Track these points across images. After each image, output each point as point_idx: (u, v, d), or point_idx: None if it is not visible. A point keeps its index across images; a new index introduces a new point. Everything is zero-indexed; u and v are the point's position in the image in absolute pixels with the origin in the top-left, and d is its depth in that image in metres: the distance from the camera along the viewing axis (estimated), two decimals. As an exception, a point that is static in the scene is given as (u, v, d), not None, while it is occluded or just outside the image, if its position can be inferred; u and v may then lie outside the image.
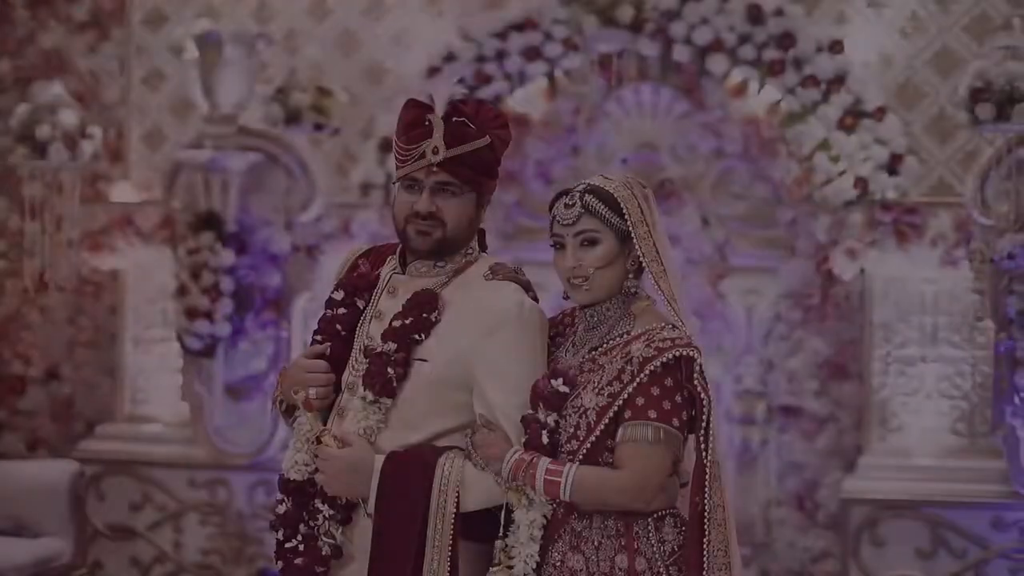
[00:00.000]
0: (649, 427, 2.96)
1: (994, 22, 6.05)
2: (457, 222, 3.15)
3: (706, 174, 6.43)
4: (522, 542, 3.03)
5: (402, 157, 3.15)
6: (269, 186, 6.55)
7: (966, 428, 6.04)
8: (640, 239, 3.08)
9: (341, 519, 3.12)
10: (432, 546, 3.01)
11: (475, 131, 3.12)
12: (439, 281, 3.18)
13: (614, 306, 3.12)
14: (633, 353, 3.00)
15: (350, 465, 3.05)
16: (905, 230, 5.96)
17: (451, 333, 3.10)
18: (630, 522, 3.01)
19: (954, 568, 5.91)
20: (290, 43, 6.71)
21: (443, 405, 3.09)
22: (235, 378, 6.51)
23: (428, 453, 3.05)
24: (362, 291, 3.26)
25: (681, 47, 6.17)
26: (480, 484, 3.02)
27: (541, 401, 3.02)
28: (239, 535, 6.59)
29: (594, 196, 3.09)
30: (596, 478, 2.97)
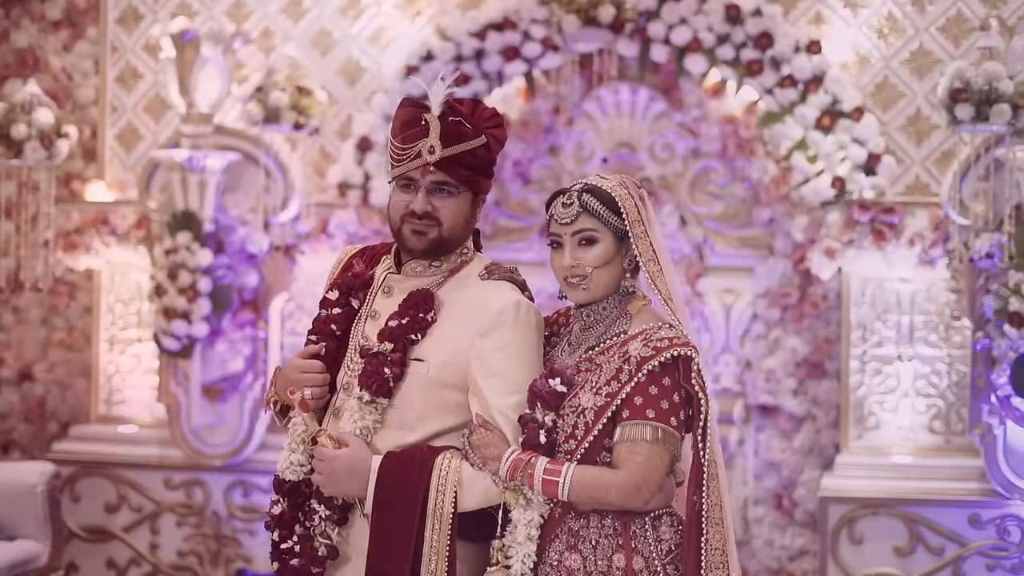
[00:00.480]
0: (647, 426, 2.97)
1: (970, 23, 6.09)
2: (453, 222, 3.15)
3: (684, 174, 6.45)
4: (519, 542, 3.03)
5: (398, 156, 3.15)
6: (246, 186, 6.53)
7: (942, 426, 6.08)
8: (637, 238, 3.09)
9: (337, 519, 3.11)
10: (430, 546, 3.01)
11: (471, 131, 3.12)
12: (435, 281, 3.18)
13: (611, 305, 3.12)
14: (631, 352, 3.00)
15: (347, 465, 3.04)
16: (882, 229, 6.00)
17: (447, 333, 3.10)
18: (627, 521, 3.02)
19: (931, 565, 5.95)
20: (266, 42, 6.68)
21: (439, 405, 3.09)
22: (212, 378, 6.48)
23: (425, 453, 3.05)
24: (357, 291, 3.25)
25: (659, 47, 6.18)
26: (477, 484, 3.02)
27: (539, 401, 3.02)
28: (216, 536, 6.56)
29: (592, 195, 3.10)
30: (595, 477, 2.97)
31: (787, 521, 6.28)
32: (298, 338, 6.54)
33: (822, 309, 6.24)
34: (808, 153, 6.13)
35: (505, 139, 3.21)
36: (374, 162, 6.38)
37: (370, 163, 6.39)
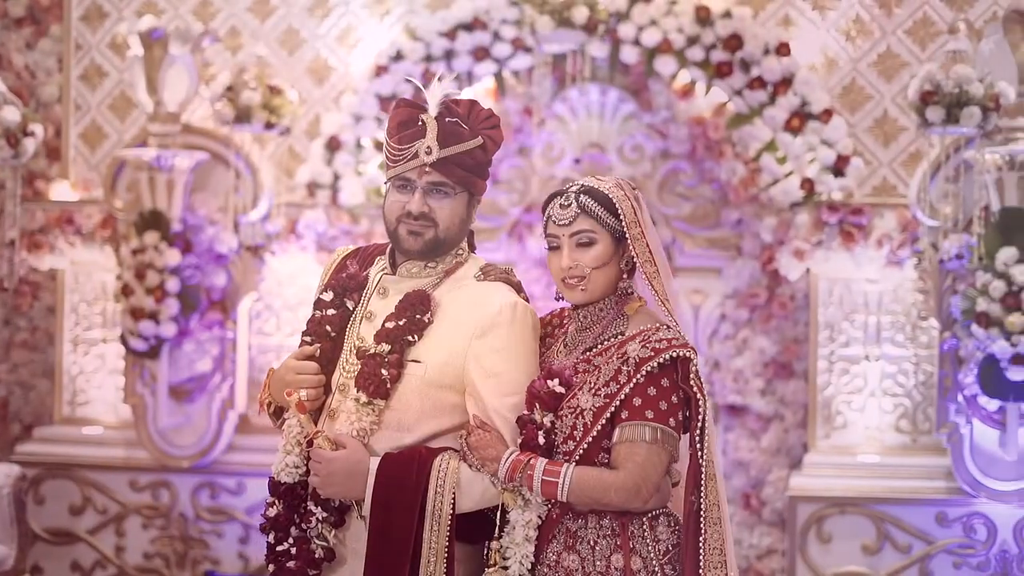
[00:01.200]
0: (646, 427, 2.99)
1: (937, 26, 6.15)
2: (449, 222, 3.15)
3: (653, 175, 6.47)
4: (517, 543, 3.04)
5: (394, 157, 3.14)
6: (214, 185, 6.49)
7: (909, 425, 6.14)
8: (634, 239, 3.10)
9: (334, 521, 3.10)
10: (428, 547, 3.01)
11: (468, 131, 3.12)
12: (430, 282, 3.18)
13: (608, 306, 3.14)
14: (629, 354, 3.02)
15: (345, 467, 3.03)
16: (851, 231, 6.05)
17: (444, 334, 3.10)
18: (625, 522, 3.03)
19: (899, 563, 6.00)
20: (233, 41, 6.64)
21: (436, 406, 3.09)
22: (179, 379, 6.43)
23: (423, 455, 3.04)
24: (351, 292, 3.25)
25: (629, 48, 6.20)
26: (475, 485, 3.02)
27: (537, 402, 3.03)
28: (183, 538, 6.51)
29: (589, 197, 3.11)
30: (594, 478, 2.98)
31: (755, 520, 6.32)
32: (266, 338, 6.52)
33: (790, 310, 6.28)
34: (777, 154, 6.17)
35: (501, 140, 3.21)
36: (343, 162, 6.36)
37: (339, 163, 6.37)
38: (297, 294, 6.49)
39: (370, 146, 6.39)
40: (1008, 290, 5.59)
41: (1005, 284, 5.59)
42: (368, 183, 6.39)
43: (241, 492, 6.47)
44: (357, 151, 6.38)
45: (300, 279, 6.48)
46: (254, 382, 6.50)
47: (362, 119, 6.37)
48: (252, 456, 6.44)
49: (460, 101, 3.16)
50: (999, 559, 5.92)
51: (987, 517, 5.93)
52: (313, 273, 6.43)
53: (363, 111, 6.37)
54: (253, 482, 6.43)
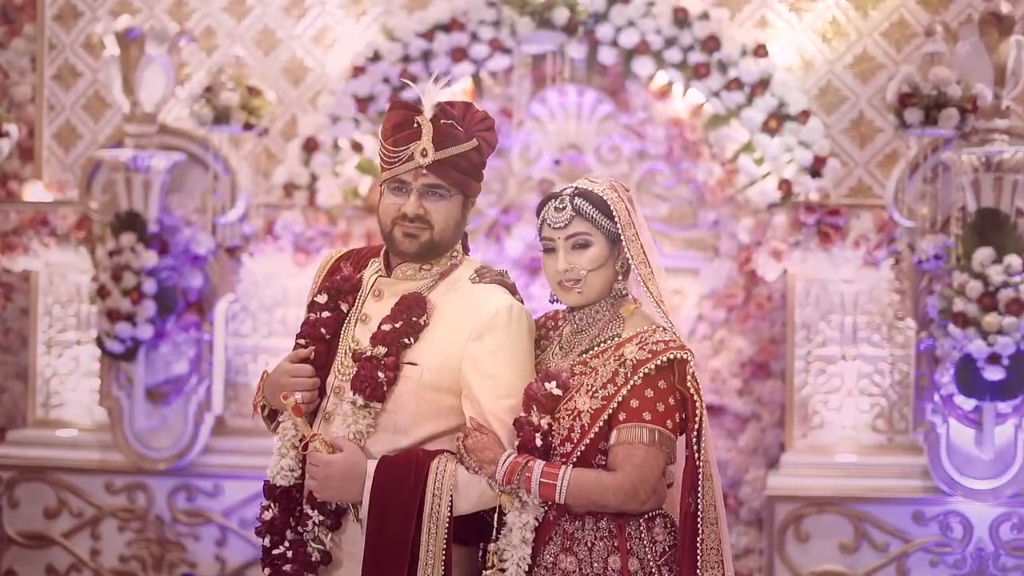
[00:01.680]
0: (644, 429, 2.99)
1: (912, 28, 6.19)
2: (445, 225, 3.14)
3: (630, 175, 6.48)
4: (514, 545, 3.04)
5: (389, 159, 3.14)
6: (191, 186, 6.45)
7: (885, 425, 6.17)
8: (629, 241, 3.11)
9: (331, 525, 3.09)
10: (426, 550, 3.00)
11: (463, 134, 3.12)
12: (425, 284, 3.17)
13: (603, 308, 3.14)
14: (626, 356, 3.02)
15: (342, 470, 3.02)
16: (828, 231, 6.08)
17: (440, 337, 3.10)
18: (622, 523, 3.04)
19: (876, 562, 6.04)
20: (208, 41, 6.61)
21: (432, 409, 3.09)
22: (156, 381, 6.39)
23: (420, 457, 3.04)
24: (346, 294, 3.24)
25: (607, 49, 6.21)
26: (473, 488, 3.02)
27: (534, 404, 3.03)
28: (159, 541, 6.48)
29: (584, 199, 3.11)
30: (592, 480, 2.98)
31: (733, 520, 6.34)
32: (243, 340, 6.49)
33: (767, 310, 6.32)
34: (754, 156, 6.20)
35: (496, 142, 3.21)
36: (320, 163, 6.35)
37: (316, 164, 6.35)
38: (273, 295, 6.47)
39: (347, 147, 6.37)
40: (985, 290, 5.63)
41: (982, 284, 5.63)
42: (345, 184, 6.38)
43: (218, 494, 6.44)
44: (334, 152, 6.37)
45: (277, 280, 6.47)
46: (231, 384, 6.48)
47: (339, 120, 6.37)
48: (229, 458, 6.42)
49: (455, 103, 3.16)
50: (975, 557, 5.97)
51: (963, 515, 5.97)
52: (290, 274, 6.43)
53: (340, 112, 6.36)
54: (230, 484, 6.41)
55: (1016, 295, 5.61)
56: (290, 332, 6.38)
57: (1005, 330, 5.60)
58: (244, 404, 6.48)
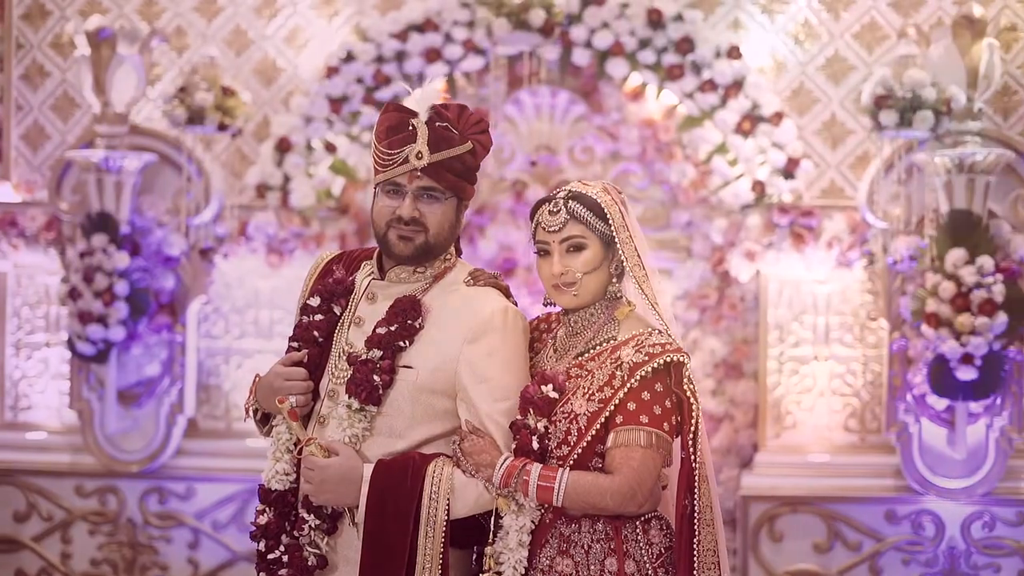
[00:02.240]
0: (641, 432, 3.00)
1: (883, 31, 6.23)
2: (439, 228, 3.14)
3: (603, 176, 6.48)
4: (511, 548, 3.03)
5: (384, 161, 3.12)
6: (162, 187, 6.41)
7: (857, 425, 6.21)
8: (623, 243, 3.12)
9: (327, 528, 3.08)
10: (423, 554, 3.00)
11: (458, 136, 3.11)
12: (419, 287, 3.17)
13: (598, 311, 3.14)
14: (623, 358, 3.03)
15: (338, 474, 3.01)
16: (801, 232, 6.11)
17: (435, 340, 3.09)
18: (619, 525, 3.04)
19: (849, 561, 6.08)
20: (179, 41, 6.56)
21: (428, 412, 3.08)
22: (127, 383, 6.35)
23: (417, 461, 3.03)
24: (338, 297, 3.22)
25: (581, 50, 6.22)
26: (470, 491, 3.02)
27: (531, 407, 3.03)
28: (131, 544, 6.43)
29: (578, 202, 3.12)
30: (589, 483, 2.99)
31: (706, 520, 6.35)
32: (215, 341, 6.45)
33: (740, 311, 6.34)
34: (728, 157, 6.22)
35: (490, 145, 3.21)
36: (293, 163, 6.32)
37: (289, 164, 6.32)
38: (246, 297, 6.45)
39: (320, 148, 6.35)
40: (957, 291, 5.68)
41: (954, 285, 5.69)
42: (319, 185, 6.36)
43: (190, 497, 6.41)
44: (308, 153, 6.34)
45: (249, 282, 6.44)
46: (203, 386, 6.45)
47: (312, 120, 6.34)
48: (201, 460, 6.39)
49: (449, 105, 3.15)
50: (947, 555, 6.02)
51: (935, 514, 6.03)
52: (263, 276, 6.40)
53: (313, 112, 6.34)
54: (202, 487, 6.38)
55: (989, 296, 5.66)
56: (263, 334, 6.42)
57: (978, 330, 5.66)
58: (216, 406, 6.45)
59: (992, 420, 5.92)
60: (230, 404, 6.45)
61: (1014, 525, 6.02)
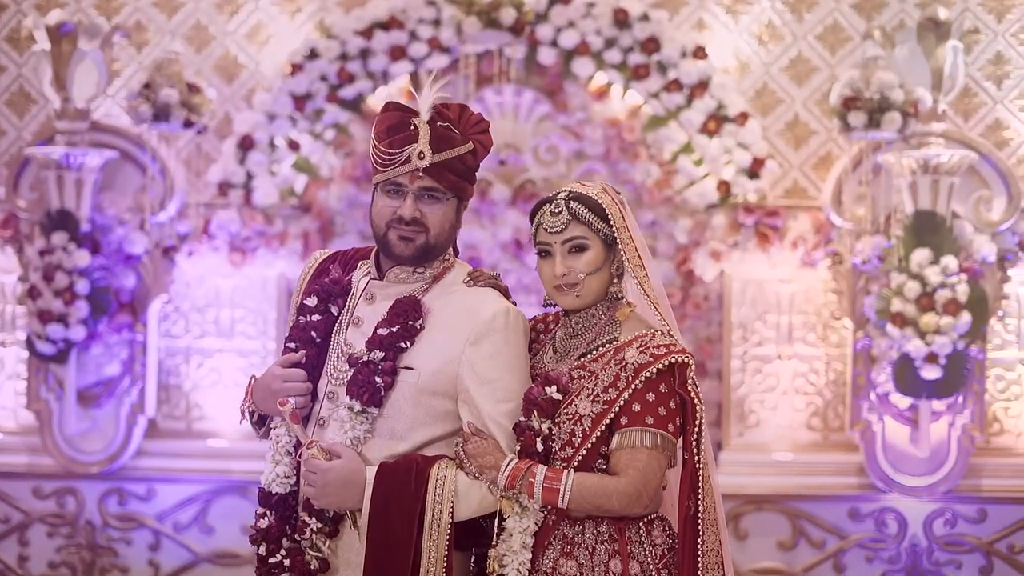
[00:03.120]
0: (647, 433, 2.99)
1: (846, 32, 6.28)
2: (440, 228, 3.11)
3: (567, 176, 6.48)
4: (515, 550, 3.02)
5: (384, 161, 3.09)
6: (123, 184, 6.33)
7: (820, 423, 6.26)
8: (624, 244, 3.11)
9: (329, 532, 3.05)
10: (428, 557, 2.97)
11: (459, 136, 3.09)
12: (419, 287, 3.14)
13: (599, 312, 3.14)
14: (627, 359, 3.02)
15: (340, 477, 2.98)
16: (766, 232, 6.15)
17: (437, 341, 3.07)
18: (622, 527, 3.04)
19: (814, 559, 6.14)
20: (138, 36, 6.48)
21: (429, 414, 3.05)
22: (86, 383, 6.26)
23: (420, 463, 3.00)
24: (336, 297, 3.19)
25: (547, 49, 6.21)
26: (473, 493, 3.00)
27: (535, 408, 3.01)
28: (90, 546, 6.34)
29: (579, 203, 3.11)
30: (595, 485, 2.98)
31: (671, 518, 6.37)
32: (175, 341, 6.38)
33: (704, 310, 6.36)
34: (693, 157, 6.24)
35: (491, 145, 3.18)
36: (256, 161, 6.26)
37: (252, 162, 6.27)
38: (206, 296, 6.38)
39: (284, 145, 6.30)
40: (922, 291, 5.74)
41: (919, 285, 5.75)
42: (282, 183, 6.31)
43: (151, 498, 6.34)
44: (271, 150, 6.29)
45: (209, 280, 6.37)
46: (163, 386, 6.37)
47: (276, 118, 6.29)
48: (162, 461, 6.33)
49: (450, 105, 3.13)
50: (910, 552, 6.09)
51: (898, 512, 6.09)
52: (223, 274, 6.35)
53: (277, 109, 6.28)
54: (163, 488, 6.32)
55: (953, 296, 5.73)
56: (223, 333, 6.35)
57: (942, 330, 5.72)
58: (176, 406, 6.39)
59: (954, 418, 5.99)
60: (190, 404, 6.39)
61: (975, 522, 6.10)
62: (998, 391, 6.17)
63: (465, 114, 3.13)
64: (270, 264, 6.30)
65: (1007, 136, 6.24)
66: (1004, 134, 6.25)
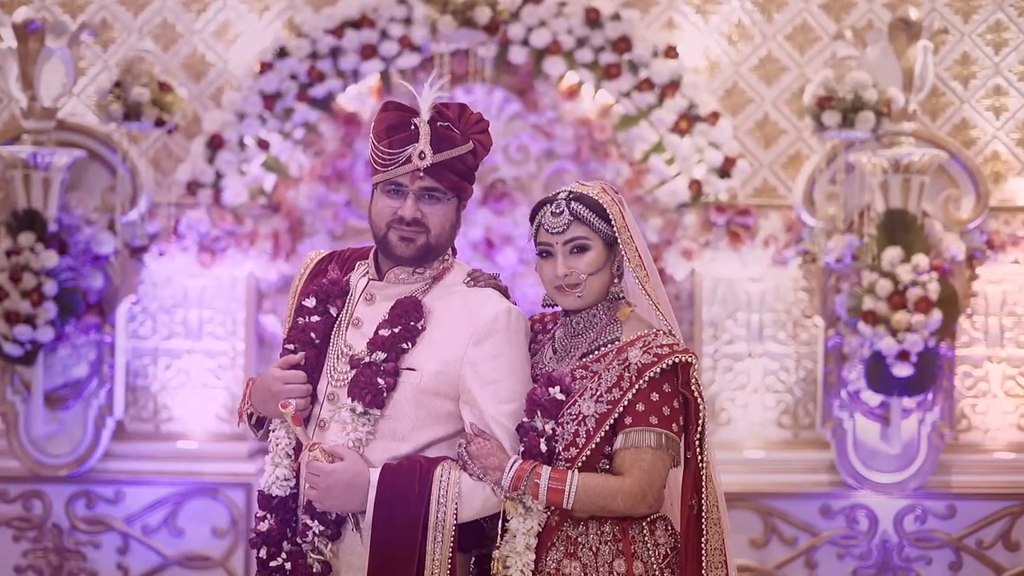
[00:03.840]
0: (651, 433, 3.00)
1: (815, 32, 6.31)
2: (441, 228, 3.10)
3: (538, 175, 6.48)
4: (519, 551, 3.01)
5: (385, 161, 3.07)
6: (90, 184, 6.26)
7: (791, 421, 6.29)
8: (625, 244, 3.11)
9: (331, 534, 3.03)
10: (432, 559, 2.96)
11: (460, 136, 3.08)
12: (419, 288, 3.13)
13: (600, 312, 3.13)
14: (631, 359, 3.02)
15: (344, 480, 2.96)
16: (738, 231, 6.17)
17: (438, 342, 3.05)
18: (626, 527, 3.04)
19: (785, 556, 6.16)
20: (104, 34, 6.40)
21: (431, 415, 3.04)
22: (53, 385, 6.18)
23: (424, 465, 2.99)
24: (335, 298, 3.17)
25: (518, 48, 6.20)
26: (477, 495, 2.99)
27: (538, 409, 3.01)
28: (57, 550, 6.26)
29: (580, 203, 3.10)
30: (600, 485, 2.97)
31: (642, 517, 6.38)
32: (142, 342, 6.32)
33: (675, 308, 6.35)
34: (665, 156, 6.25)
35: (491, 145, 3.17)
36: (226, 160, 6.21)
37: (222, 161, 6.21)
38: (174, 296, 6.32)
39: (253, 144, 6.25)
40: (894, 289, 5.78)
41: (891, 283, 5.79)
42: (252, 182, 6.26)
43: (119, 501, 6.26)
44: (240, 150, 6.24)
45: (177, 280, 6.32)
46: (130, 388, 6.31)
47: (245, 116, 6.24)
48: (130, 464, 6.26)
49: (450, 105, 3.12)
50: (880, 549, 6.13)
51: (869, 508, 6.14)
52: (191, 275, 6.29)
53: (246, 108, 6.24)
54: (131, 490, 6.25)
55: (924, 294, 5.77)
56: (191, 334, 6.29)
57: (914, 327, 5.76)
58: (144, 408, 6.32)
59: (924, 415, 6.04)
60: (159, 406, 6.32)
61: (945, 518, 6.15)
62: (966, 388, 6.24)
63: (465, 114, 3.12)
64: (239, 264, 6.24)
65: (973, 135, 6.31)
66: (970, 133, 6.31)
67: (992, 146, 6.31)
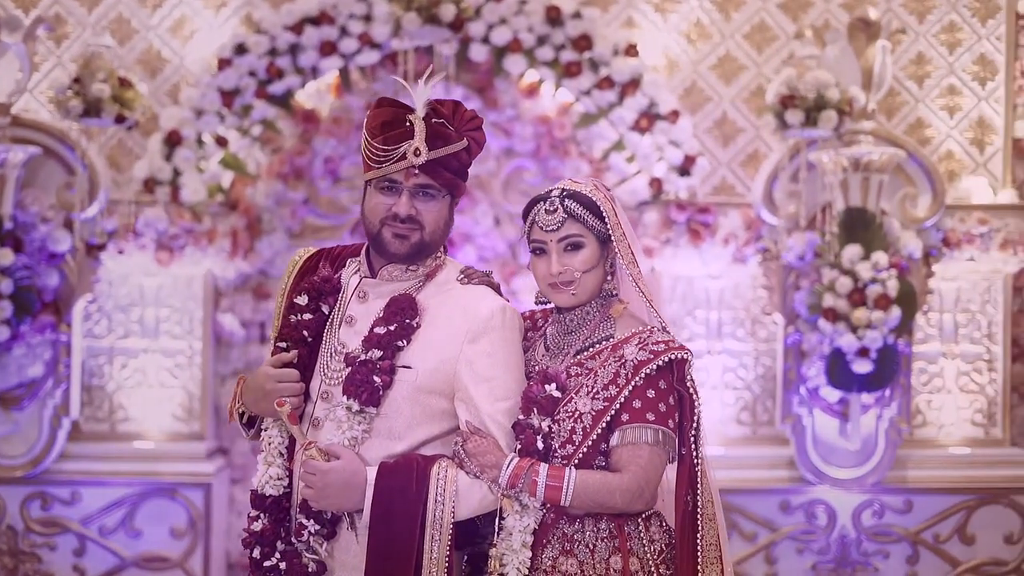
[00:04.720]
0: (648, 430, 3.00)
1: (772, 32, 6.36)
2: (435, 225, 3.09)
3: (497, 173, 6.48)
4: (515, 549, 3.00)
5: (379, 158, 3.05)
6: (45, 181, 6.17)
7: (749, 418, 6.34)
8: (618, 241, 3.12)
9: (327, 534, 3.00)
10: (430, 557, 2.94)
11: (454, 133, 3.07)
12: (412, 285, 3.11)
13: (594, 309, 3.14)
14: (627, 356, 3.02)
15: (340, 479, 2.93)
16: (698, 229, 6.20)
17: (433, 339, 3.04)
18: (622, 523, 3.04)
19: (746, 551, 6.20)
20: (58, 29, 6.32)
21: (427, 412, 3.03)
22: (7, 385, 6.08)
23: (420, 463, 2.97)
24: (327, 295, 3.14)
25: (478, 46, 6.19)
26: (474, 492, 2.98)
27: (535, 406, 3.00)
28: (12, 552, 6.17)
29: (575, 201, 3.10)
30: (598, 482, 2.97)
31: (604, 514, 6.39)
32: (98, 341, 6.24)
33: (634, 306, 6.38)
34: (625, 154, 6.27)
35: (484, 142, 3.17)
36: (184, 157, 6.15)
37: (179, 159, 6.15)
38: (129, 294, 6.25)
39: (211, 142, 6.20)
40: (854, 286, 5.84)
41: (851, 280, 5.84)
42: (210, 179, 6.20)
43: (75, 502, 6.18)
44: (198, 147, 6.18)
45: (133, 279, 6.24)
46: (86, 387, 6.23)
47: (204, 113, 6.18)
48: (87, 464, 6.18)
49: (444, 102, 3.11)
50: (839, 543, 6.19)
51: (827, 504, 6.19)
52: (148, 273, 6.22)
53: (204, 105, 6.18)
54: (88, 491, 6.16)
55: (883, 291, 5.83)
56: (148, 333, 6.22)
57: (873, 324, 5.82)
58: (100, 408, 6.24)
59: (882, 411, 6.10)
60: (115, 405, 6.25)
61: (902, 513, 6.22)
62: (922, 384, 6.32)
63: (459, 111, 3.12)
64: (197, 262, 6.18)
65: (928, 135, 6.39)
66: (925, 132, 6.39)
67: (946, 145, 6.40)
